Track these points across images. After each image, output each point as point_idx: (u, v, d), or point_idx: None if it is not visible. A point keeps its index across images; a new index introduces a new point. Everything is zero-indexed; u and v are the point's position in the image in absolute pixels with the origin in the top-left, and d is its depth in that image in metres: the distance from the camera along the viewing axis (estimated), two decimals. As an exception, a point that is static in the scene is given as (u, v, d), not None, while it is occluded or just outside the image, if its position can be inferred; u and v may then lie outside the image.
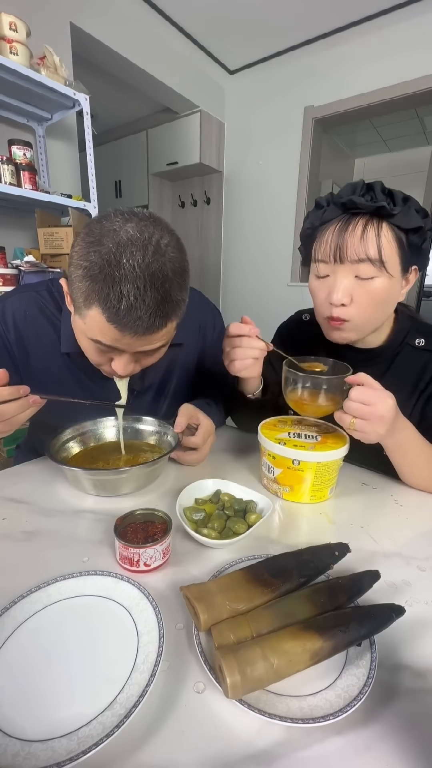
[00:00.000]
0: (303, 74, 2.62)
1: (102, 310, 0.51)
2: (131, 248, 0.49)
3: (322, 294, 0.66)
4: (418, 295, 3.45)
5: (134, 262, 0.49)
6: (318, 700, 0.32)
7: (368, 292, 0.62)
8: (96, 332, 0.54)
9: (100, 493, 0.62)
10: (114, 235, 0.50)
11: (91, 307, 0.52)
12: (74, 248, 0.53)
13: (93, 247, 0.50)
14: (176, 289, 0.54)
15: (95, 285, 0.50)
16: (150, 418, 0.77)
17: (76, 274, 0.52)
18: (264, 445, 0.63)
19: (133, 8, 2.17)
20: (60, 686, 0.33)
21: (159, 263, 0.51)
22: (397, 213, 0.59)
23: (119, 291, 0.49)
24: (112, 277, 0.49)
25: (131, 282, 0.49)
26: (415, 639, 0.38)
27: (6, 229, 1.89)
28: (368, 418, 0.55)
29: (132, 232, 0.50)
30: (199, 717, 0.31)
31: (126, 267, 0.49)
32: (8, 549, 0.50)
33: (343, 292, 0.62)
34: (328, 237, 0.63)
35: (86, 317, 0.54)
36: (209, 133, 2.91)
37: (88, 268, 0.50)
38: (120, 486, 0.62)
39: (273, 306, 3.01)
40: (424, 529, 0.57)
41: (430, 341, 0.71)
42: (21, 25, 1.53)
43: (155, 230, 0.52)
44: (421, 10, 2.12)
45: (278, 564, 0.42)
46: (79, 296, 0.53)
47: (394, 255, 0.61)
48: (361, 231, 0.60)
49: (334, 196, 0.63)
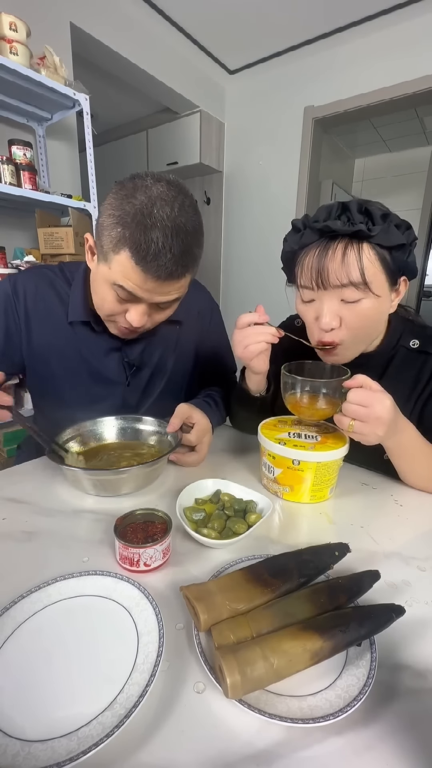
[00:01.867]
0: (303, 74, 2.62)
1: (131, 253, 0.56)
2: (161, 202, 0.56)
3: (310, 317, 0.66)
4: (418, 295, 3.46)
5: (164, 213, 0.56)
6: (318, 700, 0.32)
7: (356, 314, 0.61)
8: (120, 276, 0.60)
9: (100, 493, 0.62)
10: (146, 190, 0.56)
11: (120, 251, 0.57)
12: (106, 201, 0.60)
13: (127, 199, 0.56)
14: (195, 244, 0.61)
15: (127, 231, 0.56)
16: (150, 418, 0.77)
17: (108, 223, 0.58)
18: (264, 445, 0.63)
19: (133, 8, 2.17)
20: (60, 686, 0.33)
21: (184, 218, 0.58)
22: (376, 233, 0.57)
23: (149, 237, 0.55)
24: (144, 225, 0.55)
25: (160, 230, 0.55)
26: (415, 639, 0.38)
27: (6, 229, 1.89)
28: (366, 420, 0.54)
29: (162, 189, 0.57)
30: (199, 717, 0.31)
31: (156, 216, 0.55)
32: (8, 549, 0.50)
33: (331, 316, 0.62)
34: (308, 263, 0.61)
35: (113, 262, 0.59)
36: (209, 133, 2.90)
37: (121, 216, 0.56)
38: (120, 486, 0.62)
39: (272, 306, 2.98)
40: (424, 529, 0.57)
41: (424, 342, 0.70)
42: (21, 25, 1.53)
43: (180, 192, 0.59)
44: (421, 10, 2.12)
45: (278, 564, 0.42)
46: (108, 242, 0.59)
47: (378, 274, 0.59)
48: (341, 256, 0.58)
49: (310, 219, 0.62)
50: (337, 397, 0.61)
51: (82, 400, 0.79)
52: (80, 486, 0.63)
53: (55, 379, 0.79)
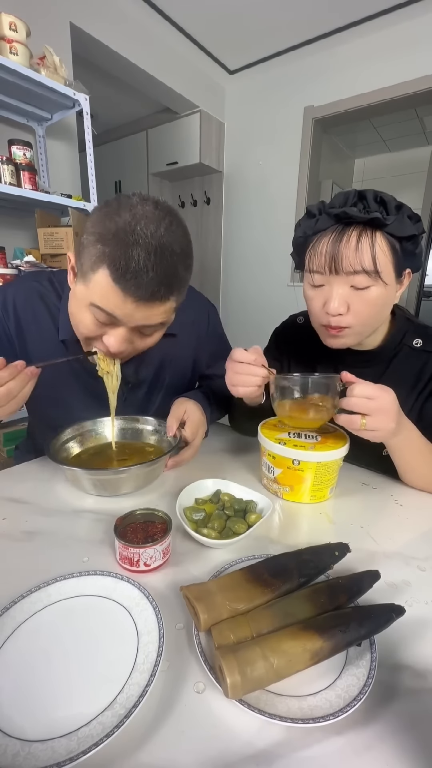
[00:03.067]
0: (303, 74, 2.61)
1: (110, 271, 0.53)
2: (146, 221, 0.53)
3: (318, 302, 0.65)
4: (418, 295, 3.45)
5: (148, 231, 0.52)
6: (318, 700, 0.32)
7: (364, 301, 0.62)
8: (98, 297, 0.56)
9: (100, 493, 0.62)
10: (132, 209, 0.53)
11: (98, 269, 0.54)
12: (90, 219, 0.57)
13: (110, 216, 0.54)
14: (182, 267, 0.57)
15: (106, 247, 0.53)
16: (150, 418, 0.77)
17: (89, 240, 0.55)
18: (264, 445, 0.63)
19: (133, 8, 2.17)
20: (60, 686, 0.33)
21: (170, 238, 0.54)
22: (390, 222, 0.58)
23: (129, 253, 0.52)
24: (125, 241, 0.52)
25: (142, 248, 0.52)
26: (415, 639, 0.38)
27: (6, 229, 1.89)
28: (375, 413, 0.54)
29: (149, 209, 0.54)
30: (199, 717, 0.31)
31: (139, 234, 0.52)
32: (8, 549, 0.50)
33: (340, 301, 0.62)
34: (322, 248, 0.62)
35: (90, 282, 0.56)
36: (209, 133, 2.90)
37: (102, 234, 0.53)
38: (120, 486, 0.62)
39: (272, 306, 3.01)
40: (424, 529, 0.57)
41: (427, 342, 0.71)
42: (21, 25, 1.53)
43: (168, 214, 0.56)
44: (421, 10, 2.12)
45: (278, 564, 0.42)
46: (87, 261, 0.55)
47: (388, 264, 0.60)
48: (355, 242, 0.59)
49: (326, 205, 0.62)
50: (331, 396, 0.60)
51: (79, 418, 0.77)
52: (80, 486, 0.63)
53: (49, 397, 0.75)
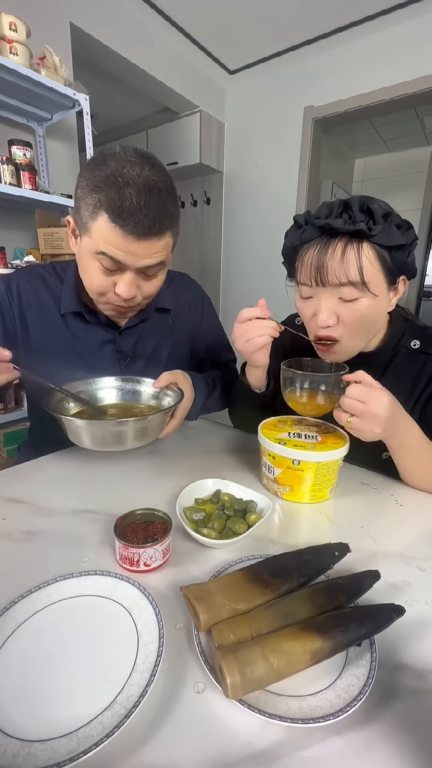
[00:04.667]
0: (303, 74, 2.61)
1: (108, 214, 0.58)
2: (130, 164, 0.58)
3: (308, 314, 0.66)
4: (418, 295, 3.46)
5: (134, 173, 0.58)
6: (318, 700, 0.32)
7: (353, 312, 0.62)
8: (101, 242, 0.61)
9: (100, 447, 0.61)
10: (116, 157, 0.59)
11: (98, 216, 0.59)
12: (81, 176, 0.62)
13: (98, 167, 0.59)
14: (170, 201, 0.63)
15: (101, 194, 0.58)
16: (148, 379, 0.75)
17: (84, 192, 0.60)
18: (264, 445, 0.63)
19: (133, 8, 2.17)
20: (60, 686, 0.33)
21: (155, 177, 0.60)
22: (376, 233, 0.57)
23: (122, 194, 0.57)
24: (116, 183, 0.57)
25: (132, 187, 0.57)
26: (415, 639, 0.38)
27: (6, 229, 1.88)
28: (363, 417, 0.54)
29: (130, 154, 0.60)
30: (199, 717, 0.31)
31: (127, 175, 0.58)
32: (8, 549, 0.50)
33: (328, 313, 0.62)
34: (308, 260, 0.62)
35: (92, 231, 0.61)
36: (209, 134, 2.90)
37: (94, 183, 0.59)
38: (121, 438, 0.60)
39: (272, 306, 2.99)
40: (424, 529, 0.57)
41: (425, 343, 0.70)
42: (21, 25, 1.53)
43: (149, 158, 0.61)
44: (421, 10, 2.12)
45: (278, 564, 0.42)
46: (85, 212, 0.60)
47: (376, 274, 0.59)
48: (340, 254, 0.58)
49: (311, 216, 0.62)
50: (335, 393, 0.61)
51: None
52: (80, 440, 0.61)
53: (50, 374, 0.78)
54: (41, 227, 1.77)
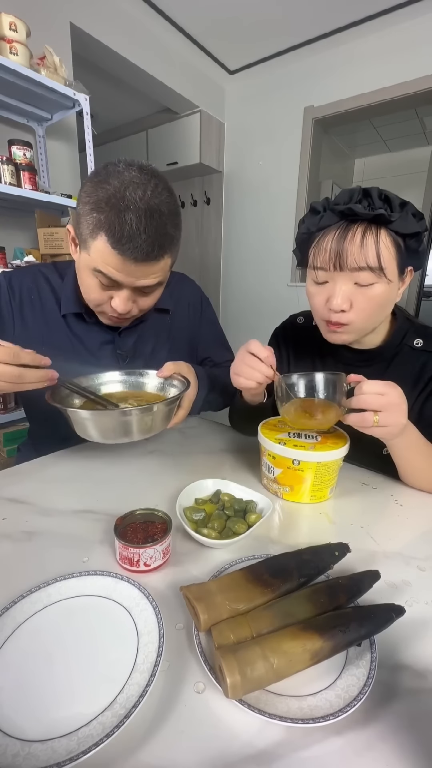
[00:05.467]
0: (303, 74, 2.61)
1: (107, 237, 0.58)
2: (133, 186, 0.58)
3: (321, 299, 0.66)
4: (418, 295, 3.45)
5: (136, 196, 0.57)
6: (318, 700, 0.32)
7: (367, 298, 0.62)
8: (100, 262, 0.61)
9: (107, 439, 0.61)
10: (119, 176, 0.58)
11: (97, 236, 0.59)
12: (82, 189, 0.61)
13: (100, 185, 0.58)
14: (171, 225, 0.62)
15: (101, 215, 0.58)
16: (152, 371, 0.75)
17: (84, 210, 0.60)
18: (264, 445, 0.63)
19: (133, 8, 2.17)
20: (60, 686, 0.33)
21: (157, 200, 0.59)
22: (395, 219, 0.58)
23: (122, 219, 0.57)
24: (117, 207, 0.57)
25: (133, 212, 0.57)
26: (415, 639, 0.38)
27: (6, 229, 1.89)
28: (387, 409, 0.54)
29: (134, 174, 0.59)
30: (199, 717, 0.31)
31: (129, 199, 0.57)
32: (8, 549, 0.50)
33: (343, 298, 0.62)
34: (327, 245, 0.62)
35: (91, 249, 0.61)
36: (209, 133, 2.90)
37: (95, 202, 0.58)
38: (128, 428, 0.60)
39: (273, 306, 3.01)
40: (424, 529, 0.57)
41: (428, 342, 0.71)
42: (21, 25, 1.53)
43: (152, 177, 0.60)
44: (421, 10, 2.12)
45: (278, 564, 0.42)
46: (86, 229, 0.61)
47: (392, 261, 0.60)
48: (360, 239, 0.59)
49: (331, 202, 0.62)
50: (337, 398, 0.60)
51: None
52: (86, 432, 0.61)
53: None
54: (41, 227, 1.77)
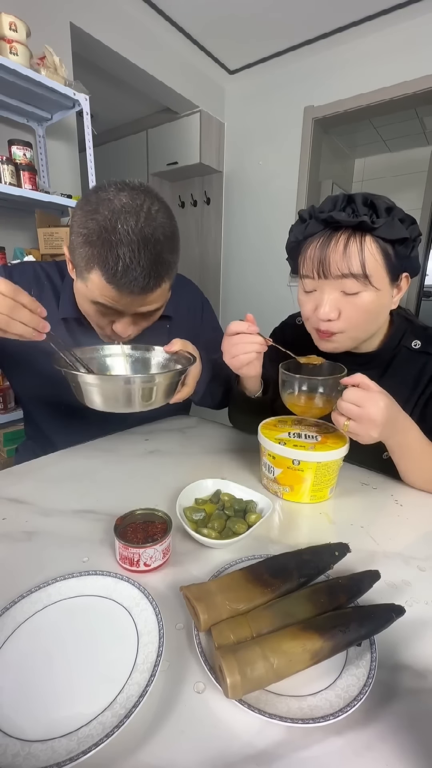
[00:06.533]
0: (303, 74, 2.61)
1: (101, 272, 0.56)
2: (125, 215, 0.55)
3: (310, 307, 0.66)
4: (418, 295, 3.45)
5: (128, 227, 0.55)
6: (318, 700, 0.32)
7: (355, 306, 0.62)
8: (97, 294, 0.60)
9: (110, 407, 0.60)
10: (109, 204, 0.55)
11: (92, 270, 0.58)
12: (74, 217, 0.59)
13: (90, 215, 0.56)
14: (167, 251, 0.60)
15: (94, 250, 0.55)
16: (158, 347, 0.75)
17: (77, 241, 0.58)
18: (264, 445, 0.63)
19: (133, 8, 2.17)
20: (60, 686, 0.33)
21: (150, 228, 0.56)
22: (379, 226, 0.57)
23: (116, 254, 0.55)
24: (109, 242, 0.54)
25: (126, 245, 0.55)
26: (415, 639, 0.38)
27: (6, 229, 1.88)
28: (359, 420, 0.54)
29: (125, 200, 0.56)
30: (199, 717, 0.31)
31: (121, 232, 0.54)
32: (8, 549, 0.50)
33: (330, 306, 0.62)
34: (311, 253, 0.62)
35: (87, 281, 0.60)
36: (209, 133, 2.90)
37: (87, 235, 0.56)
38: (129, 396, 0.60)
39: (273, 306, 3.00)
40: (424, 529, 0.57)
41: (426, 343, 0.70)
42: (21, 25, 1.53)
43: (146, 198, 0.57)
44: (421, 10, 2.12)
45: (278, 564, 0.42)
46: (80, 261, 0.59)
47: (379, 268, 0.59)
48: (343, 246, 0.58)
49: (315, 210, 0.62)
50: (333, 395, 0.61)
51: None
52: (91, 399, 0.60)
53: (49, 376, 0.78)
54: (41, 227, 1.77)
